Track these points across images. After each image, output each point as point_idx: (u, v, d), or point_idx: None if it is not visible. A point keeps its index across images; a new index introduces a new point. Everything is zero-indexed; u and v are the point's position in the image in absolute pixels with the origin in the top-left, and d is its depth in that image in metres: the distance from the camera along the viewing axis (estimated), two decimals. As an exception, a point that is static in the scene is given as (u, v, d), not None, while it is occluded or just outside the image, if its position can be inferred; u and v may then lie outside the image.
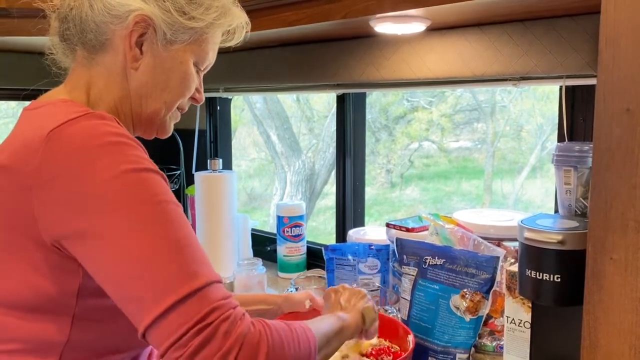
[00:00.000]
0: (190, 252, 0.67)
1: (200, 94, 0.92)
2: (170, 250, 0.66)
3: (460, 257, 1.12)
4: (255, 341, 0.66)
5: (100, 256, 0.67)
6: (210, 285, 0.66)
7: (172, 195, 0.72)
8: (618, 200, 0.66)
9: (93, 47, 0.82)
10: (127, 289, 0.66)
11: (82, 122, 0.70)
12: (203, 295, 0.65)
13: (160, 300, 0.64)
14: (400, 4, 1.03)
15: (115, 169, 0.68)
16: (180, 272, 0.65)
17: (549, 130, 4.01)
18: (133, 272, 0.65)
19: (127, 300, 0.67)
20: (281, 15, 1.24)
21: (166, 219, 0.68)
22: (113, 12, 0.79)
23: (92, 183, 0.67)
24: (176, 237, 0.67)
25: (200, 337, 0.63)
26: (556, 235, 0.88)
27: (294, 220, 1.71)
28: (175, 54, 0.84)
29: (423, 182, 4.88)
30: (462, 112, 4.40)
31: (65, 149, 0.68)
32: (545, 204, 3.93)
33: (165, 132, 0.91)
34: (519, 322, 1.03)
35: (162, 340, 0.64)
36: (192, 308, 0.64)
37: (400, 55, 1.41)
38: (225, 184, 1.67)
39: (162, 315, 0.64)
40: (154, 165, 0.72)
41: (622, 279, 0.66)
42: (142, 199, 0.68)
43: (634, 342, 0.66)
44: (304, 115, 4.64)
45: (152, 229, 0.67)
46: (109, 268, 0.67)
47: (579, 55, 1.15)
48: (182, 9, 0.82)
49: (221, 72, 1.85)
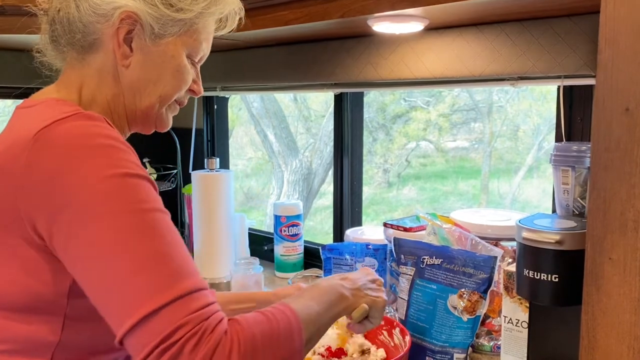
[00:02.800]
0: (170, 262, 0.66)
1: (198, 85, 0.90)
2: (148, 260, 0.65)
3: (458, 256, 1.12)
4: (226, 351, 0.64)
5: (79, 259, 0.67)
6: (184, 297, 0.64)
7: (159, 202, 0.70)
8: (617, 200, 0.66)
9: (82, 47, 0.81)
10: (103, 296, 0.66)
11: (70, 122, 0.70)
12: (175, 308, 0.63)
13: (132, 313, 0.63)
14: (398, 4, 1.03)
15: (101, 173, 0.67)
16: (154, 283, 0.64)
17: (546, 130, 4.02)
18: (110, 280, 0.64)
19: (103, 308, 0.66)
20: (279, 14, 1.23)
21: (149, 227, 0.67)
22: (99, 11, 0.78)
23: (76, 186, 0.66)
24: (156, 247, 0.66)
25: (165, 356, 0.61)
26: (554, 235, 0.88)
27: (291, 220, 1.71)
28: (166, 48, 0.82)
29: (420, 182, 4.88)
30: (460, 112, 4.40)
31: (52, 150, 0.68)
32: (542, 204, 3.94)
33: (163, 125, 0.90)
34: (517, 322, 1.03)
35: (134, 354, 0.63)
36: (160, 324, 0.62)
37: (398, 55, 1.41)
38: (222, 183, 1.67)
39: (133, 328, 0.62)
40: (143, 171, 0.71)
41: (620, 279, 0.66)
42: (126, 206, 0.66)
43: (633, 342, 0.66)
44: (302, 114, 4.64)
45: (132, 236, 0.65)
46: (87, 273, 0.66)
47: (577, 56, 1.15)
48: (169, 1, 0.81)
49: (218, 71, 1.85)
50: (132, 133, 0.90)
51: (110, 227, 0.65)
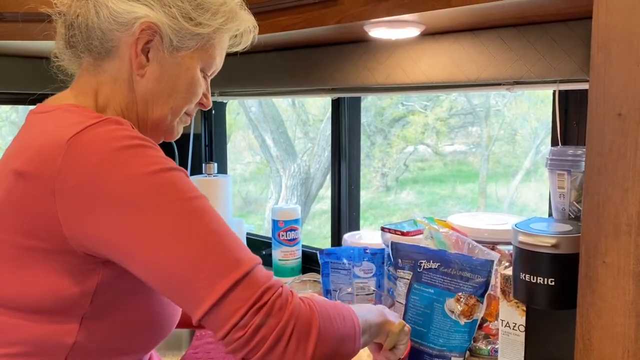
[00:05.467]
0: (229, 240, 0.71)
1: (207, 99, 0.92)
2: (212, 242, 0.70)
3: (455, 260, 1.12)
4: (307, 315, 0.72)
5: (138, 252, 0.69)
6: (255, 268, 0.71)
7: (197, 190, 0.75)
8: (610, 204, 0.66)
9: (99, 53, 0.82)
10: (177, 285, 0.70)
11: (102, 127, 0.71)
12: (252, 278, 0.70)
13: (213, 289, 0.68)
14: (395, 9, 1.04)
15: (142, 170, 0.70)
16: (225, 260, 0.70)
17: (543, 134, 4.03)
18: (181, 268, 0.69)
19: (179, 294, 0.71)
20: (276, 20, 1.24)
21: (200, 213, 0.71)
22: (119, 20, 0.79)
23: (121, 185, 0.68)
24: (214, 229, 0.71)
25: (259, 315, 0.68)
26: (550, 239, 0.89)
27: (289, 224, 1.71)
28: (182, 60, 0.84)
29: (418, 186, 4.89)
30: (457, 116, 4.41)
31: (89, 154, 0.69)
32: (540, 207, 3.95)
33: (172, 136, 0.91)
34: (514, 325, 1.04)
35: (222, 323, 0.69)
36: (246, 291, 0.69)
37: (395, 60, 1.42)
38: (221, 188, 1.67)
39: (217, 302, 0.68)
40: (175, 164, 0.74)
41: (614, 282, 0.67)
42: (174, 198, 0.70)
43: (627, 345, 0.67)
44: (299, 119, 4.65)
45: (189, 224, 0.70)
46: (156, 268, 0.70)
47: (572, 60, 1.16)
48: (189, 15, 0.82)
49: (217, 76, 1.85)
50: None
51: (166, 218, 0.69)
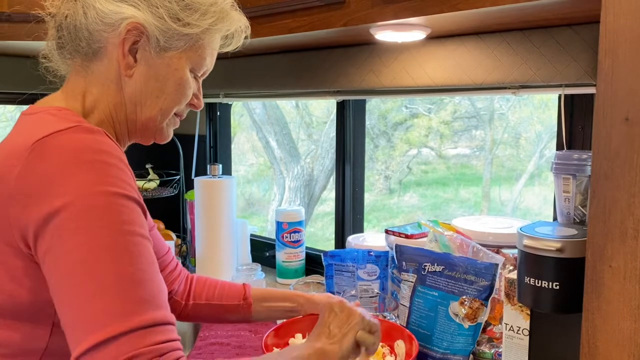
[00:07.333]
0: (140, 289, 0.65)
1: (198, 99, 0.90)
2: (118, 283, 0.64)
3: (459, 264, 1.12)
4: None
5: (54, 271, 0.66)
6: (147, 328, 0.63)
7: (142, 227, 0.70)
8: (617, 208, 0.66)
9: (87, 55, 0.82)
10: (67, 312, 0.65)
11: (68, 134, 0.69)
12: (134, 337, 0.62)
13: (90, 335, 0.62)
14: (401, 13, 1.04)
15: (90, 189, 0.66)
16: (119, 308, 0.63)
17: (547, 138, 4.02)
18: (76, 297, 0.64)
19: (66, 323, 0.66)
20: (282, 23, 1.24)
21: (125, 249, 0.66)
22: (106, 20, 0.79)
23: (64, 199, 0.66)
24: (129, 271, 0.65)
25: None
26: (555, 243, 0.89)
27: (293, 226, 1.71)
28: (170, 61, 0.83)
29: (421, 189, 4.89)
30: (461, 119, 4.41)
31: (45, 161, 0.68)
32: (543, 211, 3.93)
33: (163, 138, 0.90)
34: (518, 329, 1.03)
35: None
36: (114, 351, 0.61)
37: (400, 63, 1.42)
38: (225, 189, 1.68)
39: (89, 350, 0.62)
40: (135, 193, 0.70)
41: (620, 286, 0.67)
42: (107, 224, 0.66)
43: (633, 350, 0.66)
44: (303, 121, 4.65)
45: (106, 256, 0.65)
46: (57, 285, 0.66)
47: (577, 64, 1.16)
48: (177, 16, 0.81)
49: (221, 78, 1.86)
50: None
51: (86, 243, 0.64)
